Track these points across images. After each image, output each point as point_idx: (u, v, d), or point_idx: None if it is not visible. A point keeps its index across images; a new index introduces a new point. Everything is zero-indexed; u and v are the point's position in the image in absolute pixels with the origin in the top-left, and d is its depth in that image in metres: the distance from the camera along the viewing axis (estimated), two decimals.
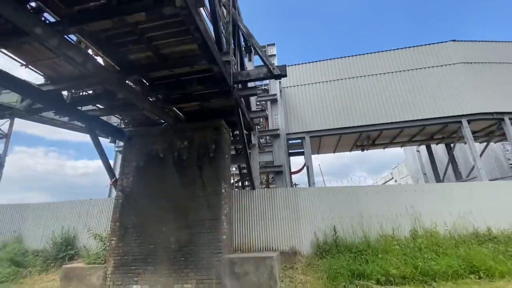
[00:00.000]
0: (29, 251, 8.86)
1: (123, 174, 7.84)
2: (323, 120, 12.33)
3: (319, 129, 12.22)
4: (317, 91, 12.78)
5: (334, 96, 12.72)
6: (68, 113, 6.96)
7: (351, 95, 12.62)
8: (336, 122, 12.24)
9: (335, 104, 12.55)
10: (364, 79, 12.84)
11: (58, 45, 4.42)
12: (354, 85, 12.80)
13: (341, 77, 12.78)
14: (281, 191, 8.02)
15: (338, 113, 12.37)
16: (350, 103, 12.46)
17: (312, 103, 12.67)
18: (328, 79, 12.87)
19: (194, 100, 7.25)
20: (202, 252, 6.56)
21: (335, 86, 12.78)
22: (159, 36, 5.26)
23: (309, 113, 12.51)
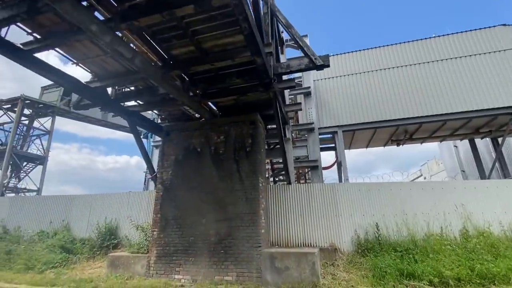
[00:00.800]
0: (76, 239, 9.48)
1: (162, 167, 8.07)
2: (357, 113, 11.85)
3: (352, 123, 11.76)
4: (350, 83, 12.29)
5: (369, 88, 12.16)
6: (112, 108, 7.26)
7: (387, 86, 12.00)
8: (371, 116, 11.71)
9: (370, 97, 12.00)
10: (402, 69, 12.13)
11: (110, 41, 4.57)
12: (391, 76, 12.14)
13: (376, 68, 12.17)
14: (319, 186, 7.82)
15: (373, 106, 11.82)
16: (386, 95, 11.85)
17: (344, 96, 12.22)
18: (362, 71, 12.32)
19: (231, 94, 7.24)
20: (241, 245, 6.58)
21: (370, 78, 12.20)
22: (203, 30, 5.27)
23: (342, 106, 12.08)
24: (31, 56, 5.22)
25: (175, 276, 6.79)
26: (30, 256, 8.33)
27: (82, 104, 7.54)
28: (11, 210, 10.73)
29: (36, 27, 5.11)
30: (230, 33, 5.38)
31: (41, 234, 9.61)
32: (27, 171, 22.97)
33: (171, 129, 8.51)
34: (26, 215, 10.58)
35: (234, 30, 5.30)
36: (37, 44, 5.25)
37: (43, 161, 23.41)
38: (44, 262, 7.98)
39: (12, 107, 22.60)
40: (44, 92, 25.68)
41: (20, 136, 22.71)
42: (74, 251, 8.74)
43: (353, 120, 11.83)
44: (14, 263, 8.33)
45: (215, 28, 5.25)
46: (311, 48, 6.02)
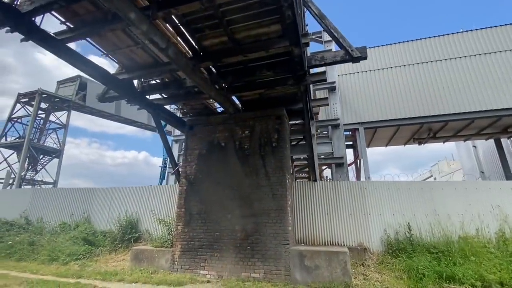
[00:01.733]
0: (97, 231, 9.52)
1: (186, 161, 7.98)
2: (380, 110, 11.53)
3: (375, 120, 11.45)
4: (372, 79, 11.96)
5: (392, 84, 11.81)
6: (138, 101, 7.17)
7: (411, 82, 11.62)
8: (394, 113, 11.37)
9: (392, 93, 11.65)
10: (427, 65, 11.72)
11: (146, 30, 4.44)
12: (416, 72, 11.75)
13: (399, 64, 11.79)
14: (346, 184, 7.60)
15: (396, 103, 11.48)
16: (410, 92, 11.48)
17: (366, 92, 11.90)
18: (384, 66, 11.96)
19: (259, 87, 7.06)
20: (269, 242, 6.44)
21: (393, 74, 11.84)
22: (238, 19, 5.09)
23: (363, 102, 11.77)
24: (64, 45, 5.14)
25: (200, 271, 6.72)
26: (53, 248, 8.41)
27: (107, 97, 7.48)
28: (33, 201, 10.87)
29: (69, 16, 5.03)
30: (266, 23, 5.18)
31: (63, 226, 9.70)
32: (43, 163, 23.39)
33: (195, 123, 8.40)
34: (47, 206, 10.71)
35: (271, 20, 5.10)
36: (70, 34, 5.16)
37: (58, 154, 23.79)
38: (68, 254, 8.03)
39: (30, 100, 22.97)
40: (60, 86, 26.04)
41: (37, 130, 23.10)
42: (96, 244, 8.77)
43: (375, 117, 11.51)
44: (38, 254, 8.43)
45: (251, 18, 5.05)
46: (347, 39, 5.77)
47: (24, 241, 8.87)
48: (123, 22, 4.78)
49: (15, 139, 22.04)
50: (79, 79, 25.57)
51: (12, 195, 11.74)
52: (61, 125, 24.76)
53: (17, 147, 21.51)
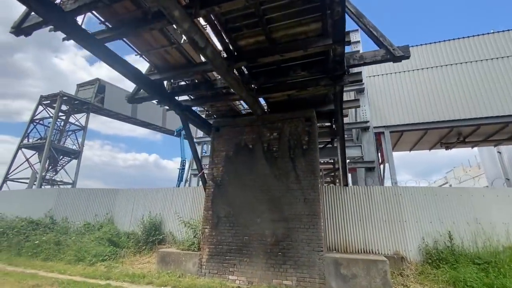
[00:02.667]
0: (120, 232, 9.51)
1: (213, 163, 7.87)
2: (407, 113, 11.15)
3: (401, 123, 11.08)
4: (399, 81, 11.61)
5: (419, 87, 11.43)
6: (168, 102, 7.13)
7: (440, 85, 11.21)
8: (422, 116, 10.98)
9: (420, 96, 11.27)
10: (457, 67, 11.29)
11: (188, 28, 4.38)
12: (445, 74, 11.34)
13: (429, 66, 11.41)
14: (380, 189, 7.30)
15: (424, 106, 11.09)
16: (439, 94, 11.07)
17: (392, 94, 11.55)
18: (411, 68, 11.60)
19: (289, 88, 6.90)
20: (301, 249, 6.21)
21: (420, 76, 11.46)
22: (278, 18, 4.96)
23: (389, 105, 11.42)
24: (102, 45, 5.13)
25: (229, 276, 6.54)
26: (79, 248, 8.43)
27: (136, 98, 7.49)
28: (58, 201, 11.01)
29: (109, 16, 5.03)
30: (306, 21, 5.04)
31: (87, 226, 9.73)
32: (63, 164, 23.91)
33: (221, 124, 8.31)
34: (71, 206, 10.82)
35: (312, 18, 4.96)
36: (109, 34, 5.17)
37: (77, 155, 24.29)
38: (94, 255, 8.02)
39: (51, 103, 23.61)
40: (79, 89, 26.71)
41: (57, 131, 23.68)
42: (120, 245, 8.74)
43: (402, 120, 11.14)
44: (64, 254, 8.46)
45: (291, 16, 4.92)
46: (387, 38, 5.55)
47: (50, 241, 8.94)
48: (164, 21, 4.75)
49: (36, 140, 22.66)
50: (98, 82, 26.17)
51: (37, 195, 11.94)
52: (81, 127, 25.33)
53: (39, 148, 22.08)
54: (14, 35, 4.99)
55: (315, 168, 6.79)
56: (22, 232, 9.67)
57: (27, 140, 22.63)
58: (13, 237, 9.53)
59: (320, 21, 5.06)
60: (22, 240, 9.38)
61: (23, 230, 9.73)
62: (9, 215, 11.44)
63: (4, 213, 11.76)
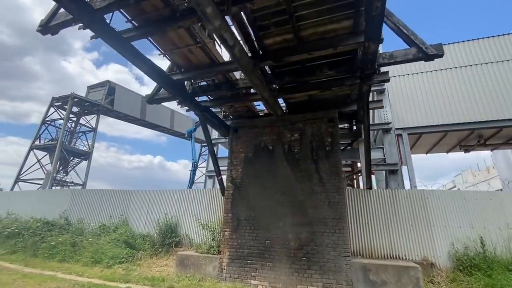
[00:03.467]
0: (135, 234, 9.40)
1: (232, 165, 7.74)
2: (425, 115, 10.89)
3: (420, 125, 10.82)
4: (416, 82, 11.36)
5: (438, 88, 11.16)
6: (189, 103, 7.03)
7: (460, 86, 10.93)
8: (442, 118, 10.70)
9: (439, 97, 10.99)
10: (477, 67, 11.01)
11: (218, 26, 4.25)
12: (464, 75, 11.06)
13: (448, 67, 11.15)
14: (405, 193, 7.06)
15: (443, 107, 10.81)
16: (459, 96, 10.78)
17: (410, 96, 11.30)
18: (430, 69, 11.34)
19: (311, 88, 6.75)
20: (327, 253, 6.01)
21: (440, 77, 11.20)
22: (309, 15, 4.83)
23: (407, 107, 11.17)
24: (129, 44, 5.07)
25: (251, 281, 6.36)
26: (96, 250, 8.34)
27: (156, 98, 7.40)
28: (72, 202, 10.98)
29: (136, 14, 4.95)
30: (337, 19, 4.90)
31: (102, 228, 9.65)
32: (73, 165, 24.05)
33: (239, 125, 8.19)
34: (86, 207, 10.77)
35: (344, 15, 4.82)
36: (135, 32, 5.09)
37: (87, 156, 24.43)
38: (111, 257, 7.92)
39: (62, 104, 23.83)
40: (90, 91, 26.94)
41: (68, 133, 23.86)
42: (136, 247, 8.63)
43: (421, 121, 10.88)
44: (81, 256, 8.38)
45: (323, 13, 4.79)
46: (419, 36, 5.37)
47: (66, 242, 8.88)
48: (193, 18, 4.66)
49: (48, 141, 22.85)
50: (108, 84, 26.36)
51: (51, 196, 11.94)
52: (91, 129, 25.51)
53: (50, 149, 22.26)
54: (41, 33, 4.94)
55: (339, 170, 6.60)
56: (37, 233, 9.63)
57: (38, 141, 22.84)
58: (28, 238, 9.50)
59: (352, 19, 4.92)
60: (37, 241, 9.34)
61: (38, 231, 9.70)
62: (23, 215, 11.46)
63: (18, 213, 11.78)
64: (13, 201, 12.71)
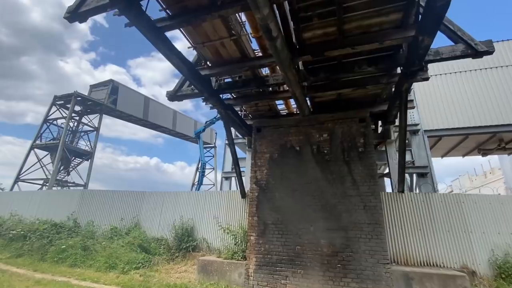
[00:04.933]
0: (149, 238, 8.98)
1: (256, 166, 7.39)
2: (445, 117, 10.67)
3: (440, 127, 10.59)
4: (437, 84, 11.15)
5: (457, 90, 10.96)
6: (214, 99, 6.68)
7: (481, 88, 10.74)
8: (462, 121, 10.49)
9: (459, 99, 10.80)
10: (497, 70, 10.83)
11: (267, 15, 3.94)
12: (484, 77, 10.87)
13: (470, 68, 10.95)
14: (440, 197, 6.76)
15: (464, 110, 10.61)
16: (480, 98, 10.58)
17: (429, 98, 11.09)
18: (450, 71, 11.15)
19: (343, 86, 6.46)
20: (364, 261, 5.67)
21: (459, 79, 11.00)
22: (358, 6, 4.53)
23: (427, 109, 10.94)
24: (162, 34, 4.74)
25: None
26: (109, 254, 7.90)
27: (178, 95, 7.05)
28: (81, 203, 10.51)
29: (171, 2, 4.62)
30: (386, 11, 4.60)
31: (114, 230, 9.21)
32: (74, 166, 23.47)
33: (262, 124, 7.84)
34: (96, 209, 10.32)
35: (394, 8, 4.52)
36: (169, 22, 4.76)
37: (89, 156, 23.87)
38: (127, 262, 7.49)
39: (65, 103, 23.31)
40: (92, 90, 26.42)
41: (70, 132, 23.30)
42: (151, 251, 8.21)
43: (441, 124, 10.65)
44: (93, 260, 7.94)
45: (372, 5, 4.49)
46: (466, 32, 5.11)
47: (77, 246, 8.42)
48: (237, 7, 4.34)
49: (49, 140, 22.28)
50: (111, 83, 25.89)
51: (58, 196, 11.46)
52: (93, 128, 24.97)
53: (52, 148, 21.69)
54: (68, 20, 4.57)
55: (374, 172, 6.29)
56: (45, 236, 9.16)
57: (39, 141, 22.25)
58: (36, 241, 9.02)
59: (401, 12, 4.64)
60: (46, 244, 8.87)
61: (46, 234, 9.23)
62: (28, 217, 10.97)
63: (21, 214, 11.28)
64: (16, 202, 12.20)
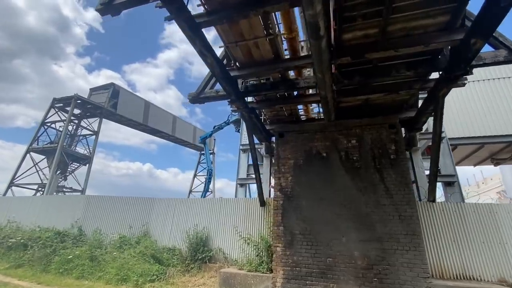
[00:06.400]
0: (159, 247, 8.49)
1: (279, 172, 7.08)
2: (461, 126, 10.60)
3: (455, 136, 10.49)
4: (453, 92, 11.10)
5: (471, 99, 10.94)
6: (241, 102, 6.40)
7: (495, 98, 10.75)
8: (478, 130, 10.44)
9: (474, 108, 10.77)
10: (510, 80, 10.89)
11: (319, 12, 3.72)
12: (498, 87, 10.91)
13: (485, 78, 10.98)
14: (472, 207, 6.53)
15: (480, 119, 10.57)
16: (495, 108, 10.57)
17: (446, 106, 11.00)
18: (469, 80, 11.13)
19: (373, 91, 6.27)
20: (402, 274, 5.35)
21: (475, 87, 11.01)
22: (407, 7, 4.34)
23: None
24: (200, 30, 4.47)
25: None
26: (120, 265, 7.39)
27: (201, 97, 6.75)
28: (86, 209, 9.95)
29: None
30: (435, 13, 4.42)
31: (123, 239, 8.69)
32: (72, 170, 22.69)
33: (285, 130, 7.59)
34: (102, 216, 9.77)
35: (443, 9, 4.35)
36: (206, 18, 4.50)
37: (87, 161, 23.14)
38: (140, 274, 6.99)
39: (64, 106, 22.72)
40: (92, 93, 25.88)
41: (68, 136, 22.61)
42: (164, 262, 7.72)
43: (456, 133, 10.56)
44: (103, 272, 7.41)
45: (422, 6, 4.32)
46: (508, 38, 5.00)
47: (84, 256, 7.88)
48: (285, 3, 4.12)
49: (46, 144, 21.54)
50: (112, 87, 25.45)
51: (62, 202, 10.84)
52: (93, 132, 24.31)
53: (49, 152, 20.96)
54: (99, 13, 4.27)
55: (408, 180, 6.05)
56: (48, 245, 8.57)
57: (36, 144, 21.49)
58: (38, 250, 8.42)
59: (449, 14, 4.48)
60: (49, 254, 8.28)
61: (49, 242, 8.64)
62: (27, 224, 10.34)
63: (19, 221, 10.64)
64: (13, 208, 11.55)
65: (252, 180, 11.11)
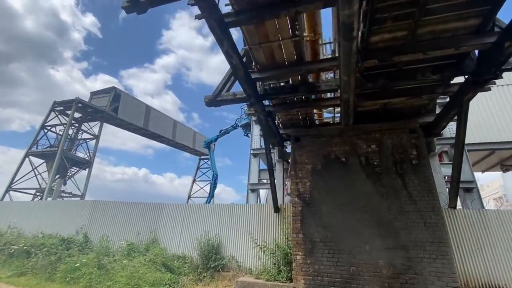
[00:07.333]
0: (169, 255, 8.21)
1: (297, 177, 6.90)
2: (472, 131, 10.52)
3: (467, 142, 10.39)
4: None
5: (481, 104, 10.93)
6: (258, 106, 6.25)
7: (504, 104, 10.75)
8: (489, 135, 10.39)
9: (484, 113, 10.75)
10: None
11: (356, 11, 3.62)
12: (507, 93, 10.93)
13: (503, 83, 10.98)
14: (494, 214, 6.40)
15: (490, 125, 10.53)
16: (505, 114, 10.57)
17: None
18: None
19: (394, 95, 6.18)
20: (430, 283, 5.17)
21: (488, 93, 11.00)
22: (440, 9, 4.26)
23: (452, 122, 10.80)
24: (228, 30, 4.34)
25: None
26: (130, 274, 7.08)
27: (218, 100, 6.59)
28: (92, 215, 9.64)
29: None
30: (467, 15, 4.35)
31: (131, 247, 8.39)
32: (72, 175, 22.25)
33: (301, 134, 7.44)
34: (108, 222, 9.48)
35: (475, 12, 4.29)
36: (234, 17, 4.38)
37: (88, 165, 22.73)
38: (152, 283, 6.71)
39: (64, 109, 22.41)
40: (93, 97, 25.62)
41: (68, 140, 22.24)
42: (175, 271, 7.44)
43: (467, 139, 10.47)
44: (112, 281, 7.10)
45: (455, 8, 4.25)
46: None
47: (91, 264, 7.56)
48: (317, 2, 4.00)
49: (46, 147, 21.14)
50: (113, 90, 25.24)
51: (66, 207, 10.51)
52: (93, 136, 23.96)
53: (48, 156, 20.56)
54: (125, 11, 4.10)
55: (432, 186, 5.91)
56: (52, 252, 8.24)
57: (35, 148, 21.07)
58: (42, 258, 8.08)
59: (481, 17, 4.41)
60: (54, 261, 7.95)
61: (54, 250, 8.31)
62: (30, 229, 9.99)
63: (21, 227, 10.29)
64: (14, 213, 11.18)
65: (262, 186, 10.90)
